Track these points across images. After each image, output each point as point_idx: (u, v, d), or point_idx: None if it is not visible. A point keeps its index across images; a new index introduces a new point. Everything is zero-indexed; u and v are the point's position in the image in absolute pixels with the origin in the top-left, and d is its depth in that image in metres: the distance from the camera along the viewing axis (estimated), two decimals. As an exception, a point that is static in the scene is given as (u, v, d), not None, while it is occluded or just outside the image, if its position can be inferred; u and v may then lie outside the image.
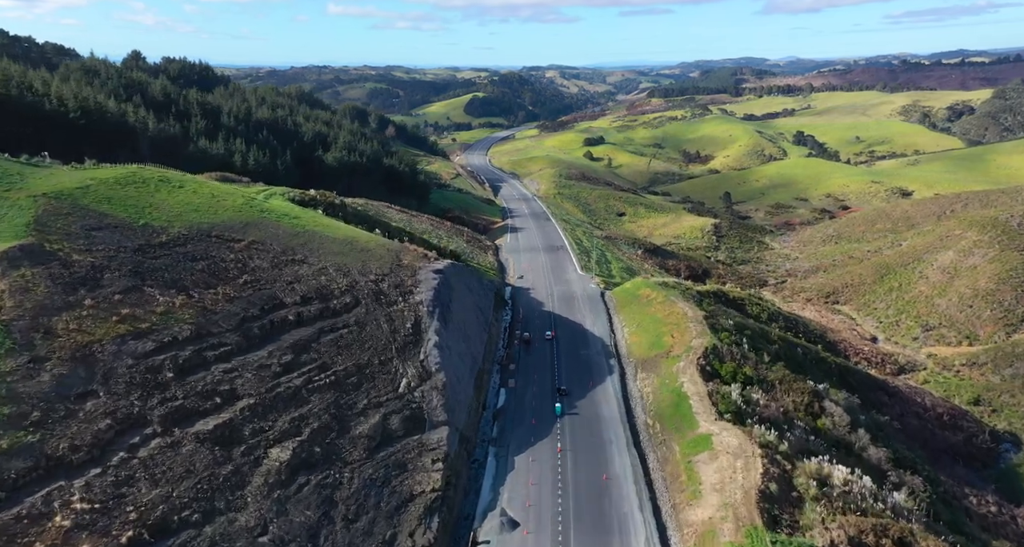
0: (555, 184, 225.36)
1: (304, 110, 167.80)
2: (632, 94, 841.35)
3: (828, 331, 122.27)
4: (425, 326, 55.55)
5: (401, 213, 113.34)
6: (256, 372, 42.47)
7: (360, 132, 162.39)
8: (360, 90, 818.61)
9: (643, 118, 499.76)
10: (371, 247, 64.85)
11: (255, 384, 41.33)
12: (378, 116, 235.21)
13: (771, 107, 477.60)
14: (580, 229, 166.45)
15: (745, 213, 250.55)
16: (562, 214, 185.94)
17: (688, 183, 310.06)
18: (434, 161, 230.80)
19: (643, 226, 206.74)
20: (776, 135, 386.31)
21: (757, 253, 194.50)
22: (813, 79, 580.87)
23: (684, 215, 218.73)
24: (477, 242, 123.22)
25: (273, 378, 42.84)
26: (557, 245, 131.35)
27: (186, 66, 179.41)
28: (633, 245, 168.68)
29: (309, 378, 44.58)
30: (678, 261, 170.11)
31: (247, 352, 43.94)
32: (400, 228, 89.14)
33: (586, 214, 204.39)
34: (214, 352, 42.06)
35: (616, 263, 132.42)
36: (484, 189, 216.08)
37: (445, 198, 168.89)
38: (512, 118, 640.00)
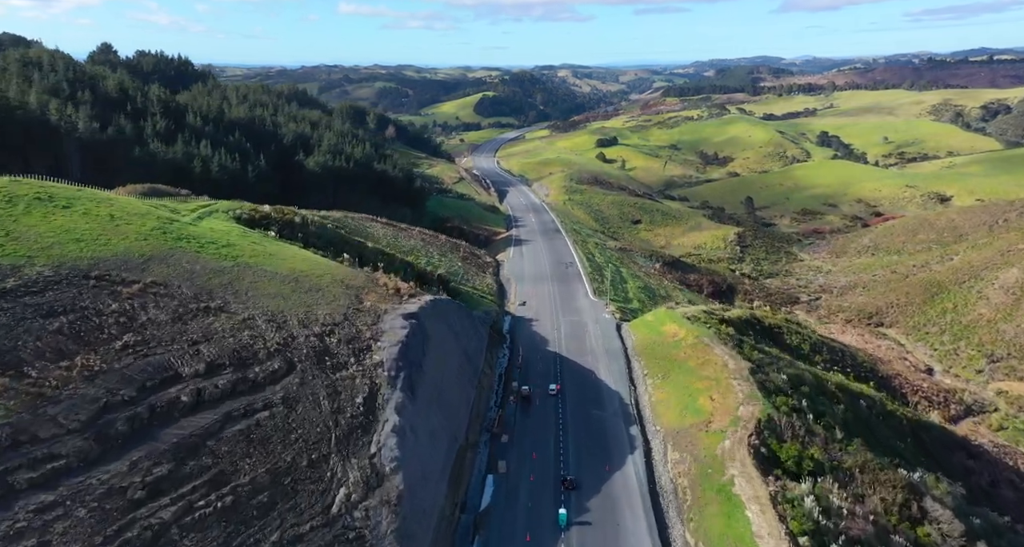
0: (565, 189, 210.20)
1: (292, 109, 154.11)
2: (646, 93, 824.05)
3: (878, 362, 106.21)
4: (383, 400, 40.87)
5: (387, 227, 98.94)
6: (99, 504, 27.91)
7: (352, 133, 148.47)
8: (369, 89, 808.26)
9: (658, 118, 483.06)
10: (324, 284, 50.27)
11: (88, 531, 26.74)
12: (377, 116, 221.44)
13: (792, 106, 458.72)
14: (592, 240, 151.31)
15: (769, 220, 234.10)
16: (572, 223, 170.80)
17: (707, 187, 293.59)
18: (436, 164, 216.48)
19: (660, 235, 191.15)
20: (798, 136, 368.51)
21: (785, 265, 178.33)
22: (835, 77, 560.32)
23: (704, 223, 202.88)
24: (475, 259, 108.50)
25: (126, 511, 28.25)
26: (566, 262, 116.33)
27: (161, 61, 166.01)
28: (650, 258, 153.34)
29: (189, 504, 29.98)
30: (700, 275, 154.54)
31: (94, 466, 29.41)
32: (378, 250, 74.57)
33: (598, 222, 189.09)
34: (30, 474, 27.53)
35: (632, 282, 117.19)
36: (489, 194, 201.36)
37: (444, 206, 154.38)
38: (523, 118, 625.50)
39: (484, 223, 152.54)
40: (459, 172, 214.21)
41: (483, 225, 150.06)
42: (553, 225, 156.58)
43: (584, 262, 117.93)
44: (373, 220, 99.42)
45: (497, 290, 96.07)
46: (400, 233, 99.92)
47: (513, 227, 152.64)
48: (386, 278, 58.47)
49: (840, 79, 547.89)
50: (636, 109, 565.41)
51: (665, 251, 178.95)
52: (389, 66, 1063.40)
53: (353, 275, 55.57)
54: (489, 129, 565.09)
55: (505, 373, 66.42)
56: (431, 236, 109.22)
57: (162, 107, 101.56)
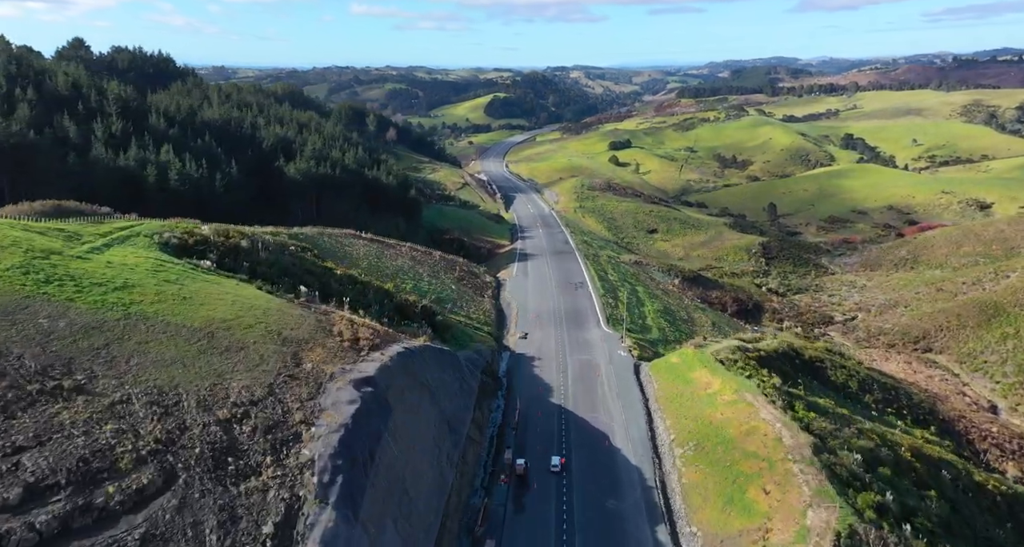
0: (576, 195, 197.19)
1: (283, 111, 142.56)
2: (659, 94, 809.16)
3: (936, 401, 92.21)
4: (305, 526, 28.29)
5: (371, 245, 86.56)
6: None
7: (344, 136, 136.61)
8: (379, 91, 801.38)
9: (672, 120, 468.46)
10: (250, 340, 37.77)
11: None
12: (377, 117, 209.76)
13: (813, 107, 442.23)
14: (604, 253, 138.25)
15: (794, 228, 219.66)
16: (583, 234, 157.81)
17: (725, 192, 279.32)
18: (439, 168, 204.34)
19: (678, 246, 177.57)
20: (821, 138, 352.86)
21: (815, 279, 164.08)
22: (857, 77, 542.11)
23: (725, 232, 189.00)
24: (472, 279, 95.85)
25: None
26: (576, 281, 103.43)
27: (139, 57, 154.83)
28: (669, 272, 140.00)
29: None
30: (723, 292, 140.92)
31: None
32: (349, 278, 62.17)
33: (611, 231, 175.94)
34: None
35: (650, 304, 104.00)
36: (495, 201, 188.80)
37: (443, 216, 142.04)
38: (534, 120, 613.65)
39: (487, 234, 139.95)
40: (463, 177, 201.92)
41: (485, 237, 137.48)
42: (562, 237, 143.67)
43: (595, 281, 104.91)
44: (355, 236, 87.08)
45: (496, 318, 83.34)
46: (386, 251, 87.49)
47: (518, 239, 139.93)
48: (345, 322, 45.92)
49: (863, 79, 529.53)
50: (650, 110, 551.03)
51: (684, 264, 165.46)
52: (400, 67, 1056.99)
53: (298, 321, 43.03)
54: (499, 131, 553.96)
55: (497, 435, 53.73)
56: (423, 253, 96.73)
57: (120, 107, 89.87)
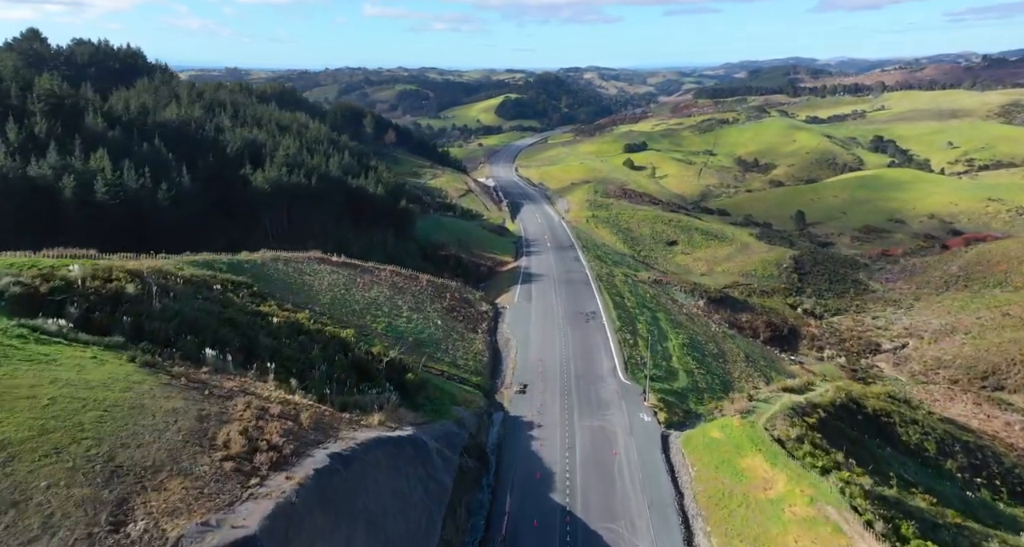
0: (589, 203, 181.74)
1: (262, 111, 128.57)
2: (675, 95, 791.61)
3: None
4: None
5: (340, 271, 71.75)
6: None
7: (329, 140, 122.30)
8: (389, 92, 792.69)
9: (690, 121, 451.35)
10: (39, 483, 22.87)
11: None
12: (375, 118, 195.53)
13: (837, 108, 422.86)
14: (620, 272, 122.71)
15: (825, 238, 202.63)
16: (596, 248, 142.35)
17: (747, 198, 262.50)
18: (441, 174, 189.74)
19: (700, 259, 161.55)
20: (848, 140, 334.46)
21: (854, 298, 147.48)
22: (883, 77, 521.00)
23: (752, 244, 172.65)
24: (465, 309, 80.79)
25: None
26: (588, 310, 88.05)
27: (102, 51, 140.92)
28: (692, 293, 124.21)
29: None
30: (754, 315, 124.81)
31: None
32: (291, 325, 47.46)
33: (627, 244, 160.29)
34: None
35: (675, 337, 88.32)
36: (500, 210, 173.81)
37: (441, 228, 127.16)
38: (546, 121, 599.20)
39: (488, 249, 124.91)
40: (466, 183, 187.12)
41: (486, 253, 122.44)
42: (573, 252, 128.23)
43: (610, 309, 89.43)
44: (322, 261, 72.28)
45: (489, 361, 68.19)
46: (359, 278, 72.62)
47: (524, 254, 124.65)
48: (251, 414, 30.89)
49: (889, 79, 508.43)
50: (666, 112, 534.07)
51: (708, 281, 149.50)
52: (412, 69, 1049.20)
53: (162, 425, 28.10)
54: (510, 132, 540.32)
55: None
56: (407, 278, 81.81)
57: (49, 105, 76.16)
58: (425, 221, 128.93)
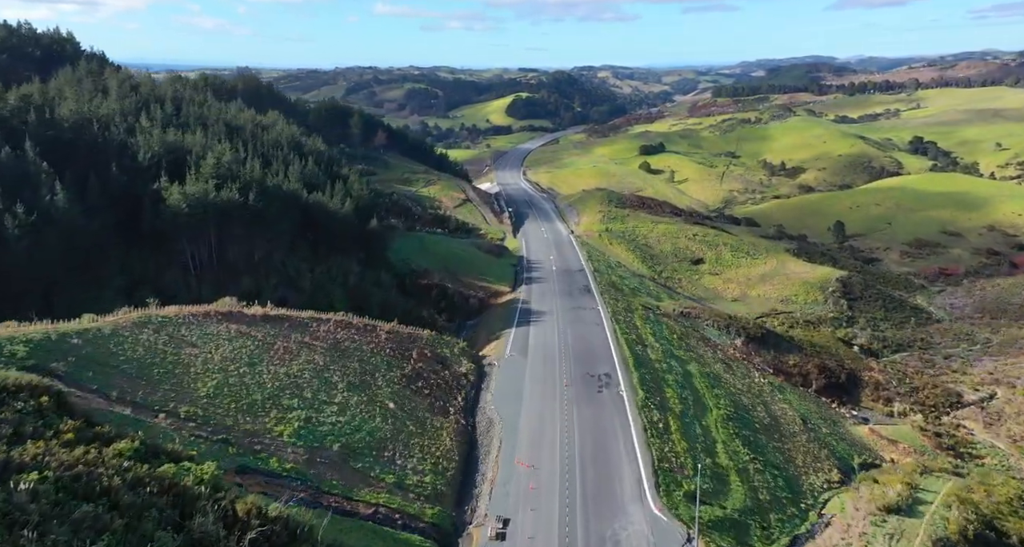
0: (602, 214, 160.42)
1: (212, 110, 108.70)
2: (691, 94, 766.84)
3: None
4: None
5: (253, 330, 51.32)
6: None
7: (292, 144, 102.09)
8: (398, 91, 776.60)
9: (709, 121, 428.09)
10: None
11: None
12: (364, 118, 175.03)
13: (868, 107, 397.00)
14: (640, 302, 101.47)
15: (870, 253, 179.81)
16: (611, 270, 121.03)
17: (776, 205, 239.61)
18: (436, 180, 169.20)
19: (731, 281, 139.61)
20: (883, 141, 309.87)
21: (916, 329, 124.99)
22: (916, 74, 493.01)
23: (789, 261, 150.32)
24: (434, 375, 60.05)
25: None
26: (600, 372, 66.95)
27: (18, 35, 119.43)
28: (727, 329, 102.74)
29: None
30: (802, 357, 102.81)
31: None
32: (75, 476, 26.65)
33: (646, 263, 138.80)
34: None
35: (716, 406, 67.02)
36: (501, 223, 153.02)
37: (425, 249, 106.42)
38: (558, 121, 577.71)
39: (481, 275, 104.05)
40: (464, 192, 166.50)
41: (479, 280, 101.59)
42: (583, 278, 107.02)
43: (630, 369, 68.23)
44: (228, 318, 51.72)
45: (457, 473, 47.20)
46: (279, 342, 52.07)
47: (523, 281, 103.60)
48: None
49: (924, 75, 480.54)
50: (683, 111, 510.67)
51: (741, 308, 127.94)
52: (423, 67, 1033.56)
53: None
54: (520, 133, 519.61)
55: None
56: (359, 332, 61.20)
57: None
58: (407, 241, 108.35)
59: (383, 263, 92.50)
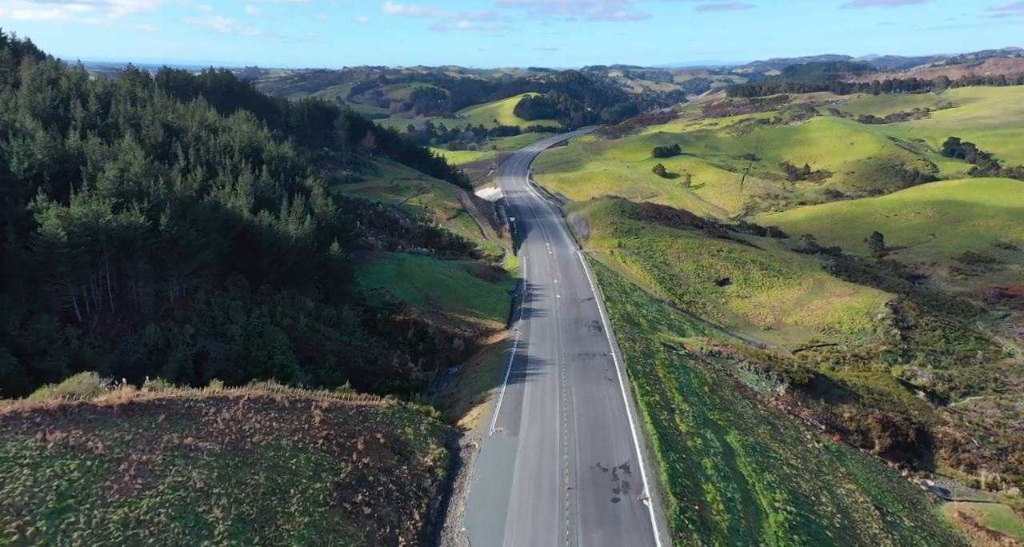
0: (615, 227, 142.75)
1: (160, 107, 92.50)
2: (704, 94, 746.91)
3: None
4: None
5: (98, 436, 34.51)
6: None
7: (247, 149, 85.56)
8: (404, 90, 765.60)
9: (725, 121, 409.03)
10: None
11: None
12: (351, 120, 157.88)
13: (896, 107, 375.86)
14: (660, 339, 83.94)
15: (913, 268, 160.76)
16: (625, 295, 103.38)
17: (804, 214, 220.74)
18: (429, 188, 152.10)
19: (763, 305, 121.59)
20: (914, 143, 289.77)
21: (984, 366, 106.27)
22: (946, 71, 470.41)
23: (827, 281, 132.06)
24: (385, 475, 42.91)
25: None
26: (614, 465, 49.42)
27: None
28: (766, 373, 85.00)
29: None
30: (858, 408, 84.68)
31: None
32: None
33: (665, 285, 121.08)
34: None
35: (773, 512, 49.09)
36: (500, 236, 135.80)
37: (404, 275, 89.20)
38: (567, 121, 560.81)
39: (470, 308, 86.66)
40: (460, 201, 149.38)
41: (467, 314, 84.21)
42: (591, 310, 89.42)
43: (655, 453, 50.81)
44: (41, 421, 34.77)
45: None
46: (129, 455, 34.92)
47: (520, 314, 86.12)
48: None
49: (953, 74, 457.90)
50: (698, 111, 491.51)
51: (777, 338, 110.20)
52: (432, 67, 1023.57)
53: None
54: (528, 134, 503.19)
55: None
56: (277, 418, 44.14)
57: None
58: (383, 265, 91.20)
59: (348, 296, 75.41)
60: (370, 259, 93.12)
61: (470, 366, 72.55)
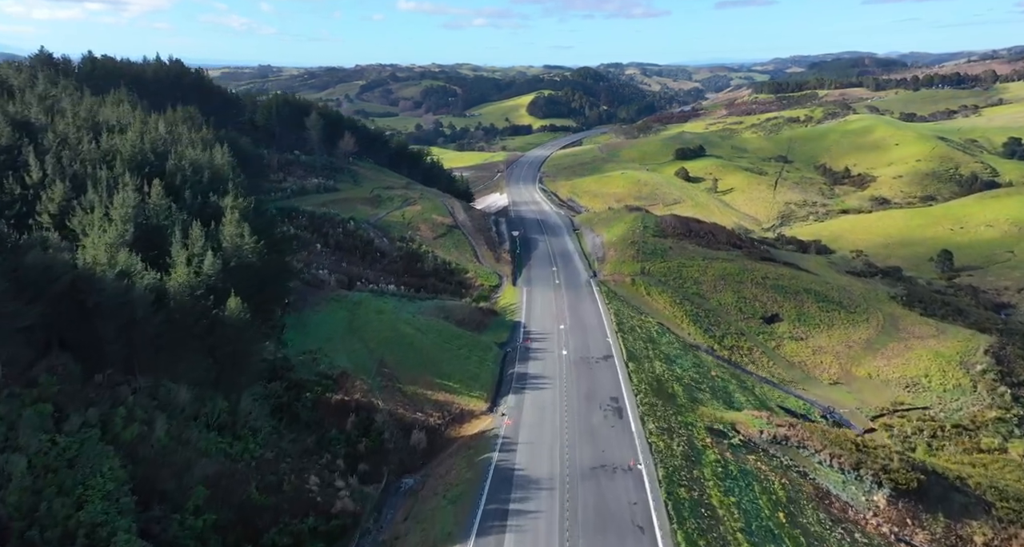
0: (636, 247, 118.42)
1: (43, 98, 70.33)
2: (725, 91, 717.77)
3: None
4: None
5: None
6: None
7: (138, 159, 63.14)
8: (414, 88, 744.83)
9: (751, 120, 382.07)
10: None
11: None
12: (326, 118, 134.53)
13: (939, 103, 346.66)
14: (704, 422, 59.71)
15: (995, 295, 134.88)
16: (651, 345, 79.04)
17: (848, 223, 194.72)
18: (416, 199, 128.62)
19: (824, 349, 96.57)
20: (967, 143, 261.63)
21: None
22: (995, 66, 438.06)
23: (900, 315, 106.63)
24: None
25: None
26: None
27: None
28: (855, 472, 60.05)
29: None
30: (994, 525, 59.82)
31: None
32: None
33: (699, 324, 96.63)
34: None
35: None
36: (498, 260, 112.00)
37: (355, 328, 65.73)
38: (582, 119, 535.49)
39: (442, 377, 62.77)
40: (452, 214, 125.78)
41: (433, 389, 60.37)
42: (609, 379, 65.22)
43: None
44: None
45: None
46: None
47: (510, 384, 62.35)
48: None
49: (1004, 67, 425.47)
50: (721, 109, 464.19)
51: (845, 395, 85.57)
52: (445, 65, 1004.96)
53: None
54: (541, 133, 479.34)
55: None
56: None
57: None
58: (330, 313, 67.76)
59: (252, 375, 52.08)
60: (315, 303, 69.78)
61: (431, 481, 48.93)
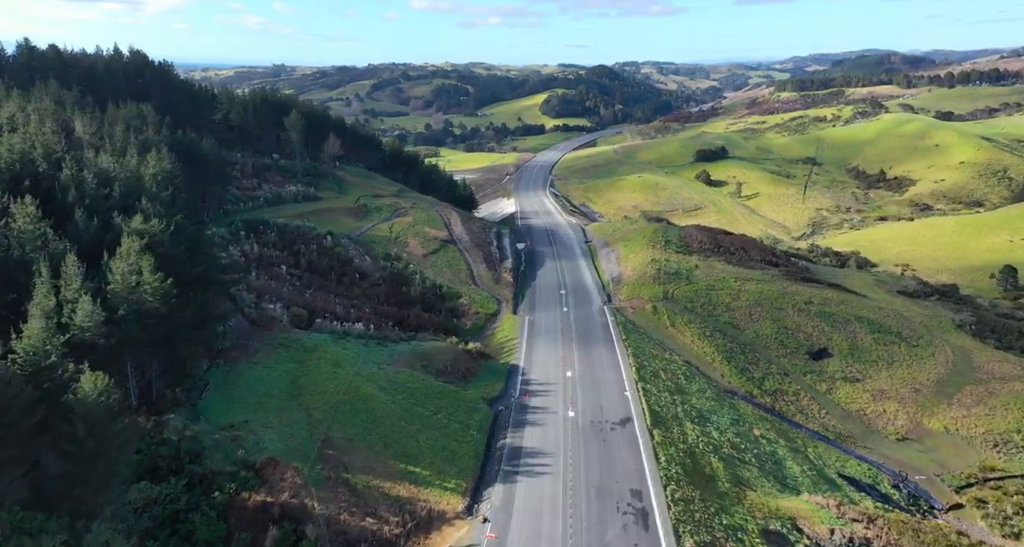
0: (656, 267, 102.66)
1: None
2: (743, 90, 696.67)
3: None
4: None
5: None
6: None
7: (19, 167, 49.62)
8: (425, 87, 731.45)
9: (774, 119, 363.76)
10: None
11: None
12: (309, 118, 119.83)
13: (977, 101, 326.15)
14: (756, 521, 44.16)
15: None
16: (680, 404, 63.37)
17: (888, 231, 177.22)
18: (408, 209, 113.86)
19: (886, 395, 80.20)
20: (1013, 143, 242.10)
21: None
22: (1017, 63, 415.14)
23: (972, 348, 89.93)
24: None
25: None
26: None
27: None
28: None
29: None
30: None
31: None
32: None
33: (734, 362, 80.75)
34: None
35: None
36: (498, 281, 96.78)
37: (296, 390, 51.23)
38: (596, 119, 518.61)
39: (402, 462, 47.68)
40: (448, 226, 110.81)
41: (394, 479, 45.33)
42: (629, 453, 49.78)
43: None
44: None
45: None
46: None
47: (499, 466, 47.47)
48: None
49: None
50: (741, 107, 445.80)
51: (918, 455, 69.40)
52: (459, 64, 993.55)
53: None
54: (554, 133, 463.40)
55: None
56: None
57: None
58: (268, 367, 53.05)
59: (114, 485, 37.24)
60: (256, 350, 54.98)
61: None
